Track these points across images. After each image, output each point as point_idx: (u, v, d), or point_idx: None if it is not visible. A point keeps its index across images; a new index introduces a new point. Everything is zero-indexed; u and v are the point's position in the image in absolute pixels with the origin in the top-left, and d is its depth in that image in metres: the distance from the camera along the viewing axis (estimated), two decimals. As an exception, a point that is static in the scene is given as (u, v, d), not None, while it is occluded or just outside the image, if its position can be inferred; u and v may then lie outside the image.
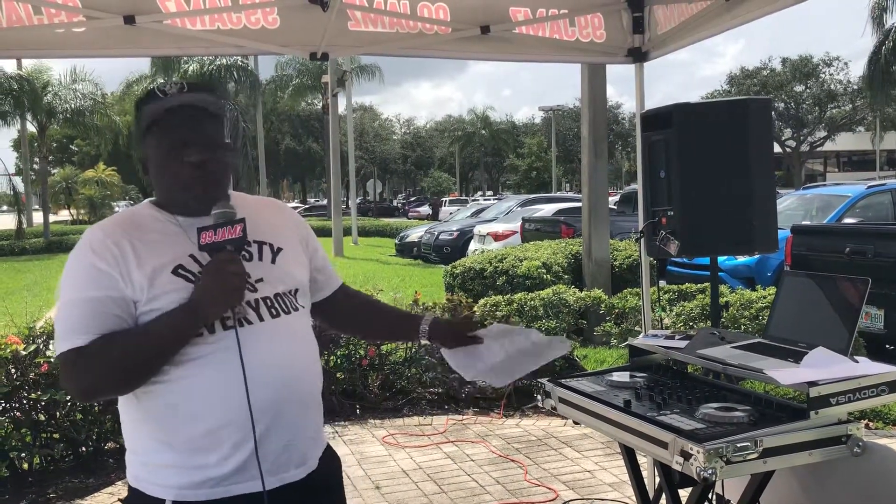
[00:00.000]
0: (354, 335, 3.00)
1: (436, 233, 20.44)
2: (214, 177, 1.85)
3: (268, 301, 1.84)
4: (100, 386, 1.79)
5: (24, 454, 4.79)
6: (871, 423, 5.30)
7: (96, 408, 5.01)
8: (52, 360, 4.74)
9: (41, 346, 4.84)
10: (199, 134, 1.82)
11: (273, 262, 1.91)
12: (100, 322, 1.74)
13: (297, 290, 1.94)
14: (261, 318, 1.81)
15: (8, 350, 4.67)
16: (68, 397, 4.85)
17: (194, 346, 1.75)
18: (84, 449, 5.03)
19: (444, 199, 52.33)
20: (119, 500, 4.42)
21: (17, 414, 4.76)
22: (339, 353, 6.09)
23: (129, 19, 3.44)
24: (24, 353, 4.72)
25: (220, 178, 1.87)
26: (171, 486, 1.77)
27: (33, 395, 4.74)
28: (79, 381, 1.78)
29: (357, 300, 2.29)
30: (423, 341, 2.23)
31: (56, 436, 4.93)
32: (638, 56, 3.94)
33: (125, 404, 1.85)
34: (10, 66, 26.63)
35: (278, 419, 1.80)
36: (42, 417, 4.86)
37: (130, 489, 1.85)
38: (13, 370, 4.72)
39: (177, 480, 1.77)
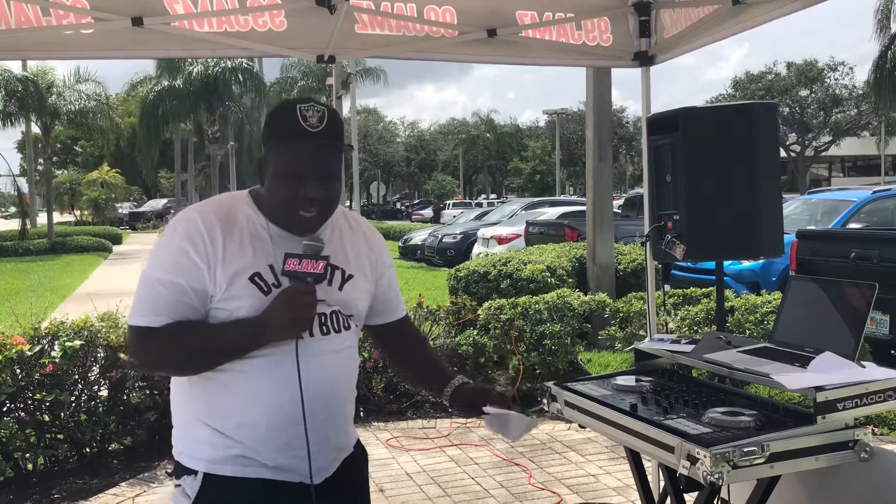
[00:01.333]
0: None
1: (439, 236, 20.43)
2: (325, 213, 1.94)
3: (323, 317, 1.93)
4: (161, 366, 2.02)
5: (28, 455, 4.79)
6: (876, 429, 5.29)
7: (101, 409, 5.02)
8: (56, 360, 4.76)
9: (46, 347, 4.85)
10: (323, 172, 1.88)
11: (340, 288, 2.00)
12: (177, 308, 1.85)
13: (352, 316, 2.04)
14: (311, 334, 1.90)
15: (13, 351, 4.68)
16: (72, 398, 4.87)
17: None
18: (88, 450, 5.03)
19: (447, 202, 52.34)
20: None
21: (22, 414, 4.76)
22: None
23: (137, 21, 3.45)
24: (28, 353, 4.73)
25: (329, 213, 1.96)
26: (203, 458, 1.90)
27: (38, 396, 4.74)
28: (144, 357, 1.96)
29: (407, 340, 2.32)
30: (444, 401, 2.26)
31: (60, 436, 4.93)
32: (644, 60, 3.94)
33: (177, 383, 1.99)
34: (15, 66, 26.72)
35: (311, 430, 1.88)
36: (47, 418, 4.87)
37: (174, 462, 1.99)
38: (18, 371, 4.72)
39: (210, 454, 1.89)
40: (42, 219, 34.43)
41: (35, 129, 31.94)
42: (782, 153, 42.66)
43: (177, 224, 1.91)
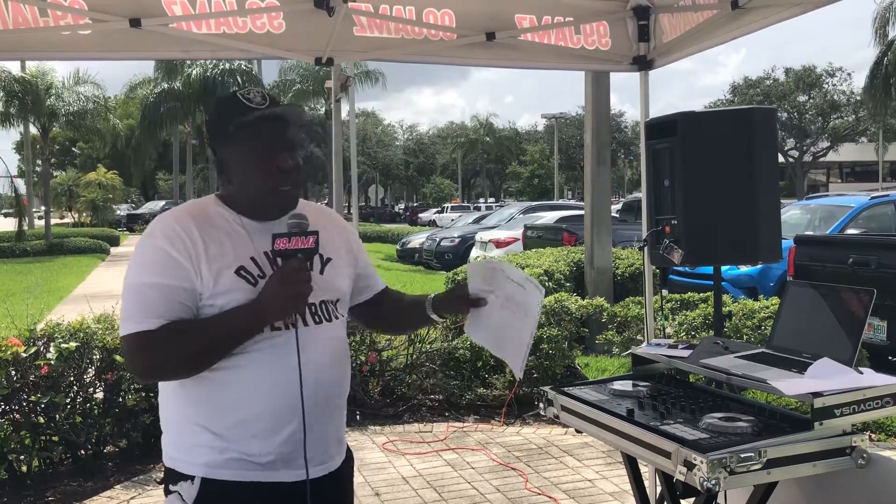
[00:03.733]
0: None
1: (437, 239, 20.43)
2: (298, 187, 1.95)
3: (313, 307, 1.94)
4: (161, 369, 1.89)
5: (23, 457, 4.77)
6: (873, 436, 5.28)
7: (96, 411, 5.00)
8: (51, 362, 4.74)
9: (41, 349, 4.84)
10: (288, 141, 1.92)
11: (321, 272, 2.00)
12: (168, 308, 1.83)
13: (338, 301, 2.05)
14: (305, 323, 1.92)
15: (8, 352, 4.66)
16: (67, 400, 4.85)
17: (250, 341, 1.85)
18: (83, 452, 5.02)
19: (445, 205, 52.32)
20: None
21: (17, 416, 4.75)
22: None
23: (135, 22, 3.45)
24: (24, 355, 4.71)
25: (301, 187, 1.97)
26: (201, 463, 1.88)
27: (33, 398, 4.73)
28: (143, 363, 1.88)
29: (394, 303, 2.33)
30: (433, 317, 2.25)
31: (55, 438, 4.91)
32: (643, 64, 3.94)
33: (167, 388, 1.96)
34: (14, 67, 26.68)
35: (311, 418, 1.89)
36: (41, 420, 4.85)
37: (166, 469, 1.96)
38: (13, 372, 4.71)
39: (207, 458, 1.88)
40: (39, 220, 34.35)
41: (33, 130, 31.90)
42: (780, 159, 42.84)
43: (153, 230, 1.91)
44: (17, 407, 4.76)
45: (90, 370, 5.00)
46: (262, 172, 1.89)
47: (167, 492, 1.95)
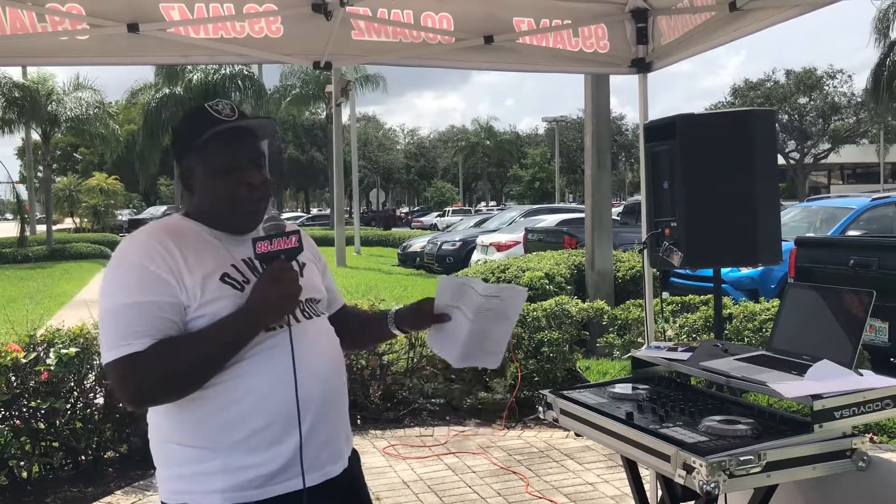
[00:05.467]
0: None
1: (438, 243, 20.43)
2: (265, 200, 1.94)
3: (300, 304, 1.92)
4: (157, 392, 1.77)
5: (23, 463, 4.77)
6: (875, 438, 5.27)
7: (96, 416, 5.00)
8: (52, 368, 4.74)
9: (41, 355, 4.83)
10: (258, 157, 1.92)
11: (301, 274, 1.95)
12: (155, 327, 1.74)
13: (320, 301, 2.05)
14: (297, 320, 1.90)
15: (8, 358, 4.66)
16: (67, 406, 4.85)
17: (246, 347, 1.80)
18: (84, 458, 5.01)
19: (446, 209, 52.30)
20: None
21: (17, 422, 4.75)
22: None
23: (133, 27, 3.44)
24: (24, 361, 4.71)
25: (267, 199, 1.96)
26: (216, 490, 1.78)
27: (33, 404, 4.72)
28: (136, 388, 1.76)
29: (353, 319, 2.31)
30: (395, 332, 2.26)
31: (55, 444, 4.90)
32: (642, 67, 3.93)
33: (160, 416, 1.86)
34: (15, 73, 26.75)
35: (322, 414, 1.87)
36: (42, 426, 4.84)
37: None
38: (13, 378, 4.71)
39: (222, 484, 1.78)
40: (41, 226, 34.38)
41: (35, 135, 31.94)
42: (781, 160, 42.85)
43: (124, 250, 1.83)
44: (17, 413, 4.76)
45: (90, 376, 4.99)
46: (230, 186, 1.87)
47: None
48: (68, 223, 44.67)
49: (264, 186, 1.92)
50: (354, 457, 2.07)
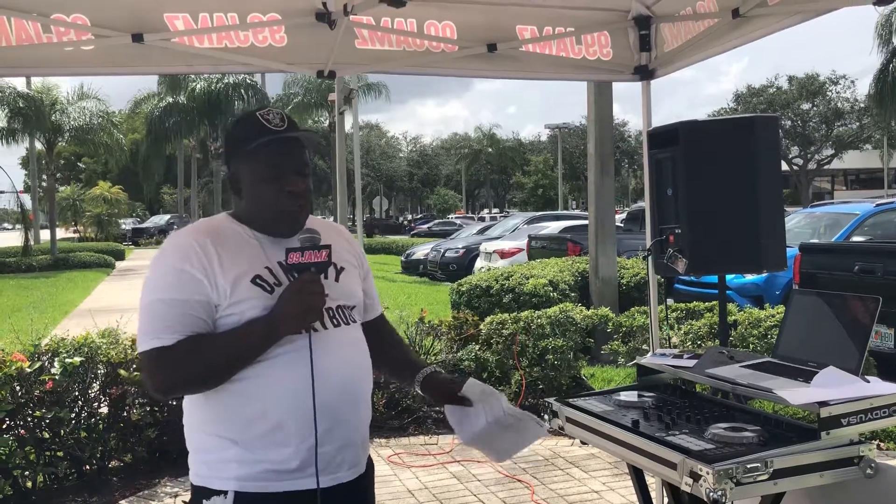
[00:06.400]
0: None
1: (442, 250, 20.43)
2: (307, 208, 2.02)
3: (330, 311, 1.97)
4: (180, 384, 1.92)
5: (27, 472, 4.76)
6: (882, 444, 5.25)
7: (101, 426, 5.00)
8: (56, 377, 4.74)
9: (46, 364, 4.84)
10: (300, 165, 1.98)
11: (336, 279, 2.04)
12: (185, 323, 1.86)
13: (354, 307, 2.09)
14: (325, 327, 1.94)
15: (13, 367, 4.66)
16: (72, 415, 4.85)
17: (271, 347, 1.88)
18: (88, 467, 5.00)
19: (449, 216, 52.22)
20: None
21: (22, 432, 4.74)
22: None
23: (137, 37, 3.46)
24: (28, 370, 4.71)
25: (309, 207, 2.04)
26: (232, 477, 1.89)
27: (38, 413, 4.72)
28: (161, 379, 1.90)
29: (387, 334, 2.34)
30: (416, 389, 2.26)
31: (60, 454, 4.90)
32: (645, 74, 3.94)
33: (192, 406, 1.98)
34: (19, 84, 26.83)
35: (338, 420, 1.92)
36: (46, 435, 4.84)
37: (194, 488, 1.97)
38: (18, 388, 4.70)
39: (237, 472, 1.88)
40: (45, 235, 34.43)
41: (39, 145, 32.02)
42: (785, 167, 42.78)
43: (165, 249, 1.95)
44: (21, 422, 4.75)
45: (95, 385, 4.99)
46: (273, 193, 1.94)
47: None
48: (71, 232, 44.75)
49: (306, 195, 1.98)
50: (369, 465, 2.10)
